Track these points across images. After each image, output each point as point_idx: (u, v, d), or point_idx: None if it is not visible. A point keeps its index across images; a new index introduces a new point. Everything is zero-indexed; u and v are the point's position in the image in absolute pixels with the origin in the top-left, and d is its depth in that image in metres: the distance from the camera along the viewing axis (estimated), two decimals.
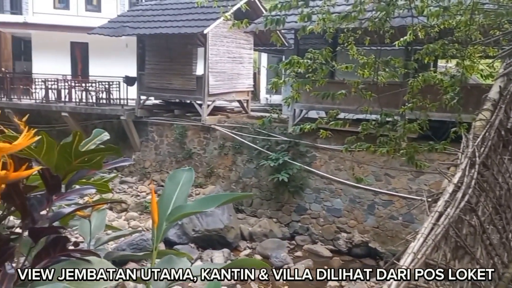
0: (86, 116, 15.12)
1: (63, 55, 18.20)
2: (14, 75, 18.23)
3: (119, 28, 13.84)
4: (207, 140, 13.42)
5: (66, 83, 15.70)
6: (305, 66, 4.86)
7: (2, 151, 0.89)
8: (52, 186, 1.16)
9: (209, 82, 12.94)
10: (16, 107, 15.08)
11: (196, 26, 12.33)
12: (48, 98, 15.21)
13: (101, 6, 19.03)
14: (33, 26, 17.14)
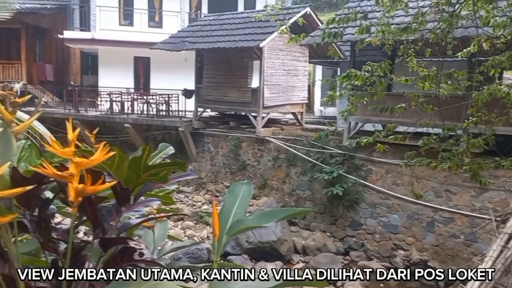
0: (146, 127, 15.77)
1: (127, 69, 19.16)
2: (81, 88, 19.43)
3: (179, 43, 14.37)
4: (261, 152, 13.53)
5: (129, 96, 16.47)
6: (363, 79, 4.80)
7: (80, 166, 0.96)
8: (122, 199, 1.24)
9: (264, 95, 13.08)
10: (83, 118, 16.04)
11: (253, 40, 12.54)
12: (112, 110, 16.02)
13: (163, 22, 19.88)
14: (100, 42, 18.21)
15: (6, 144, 1.19)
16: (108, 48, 18.51)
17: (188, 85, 15.89)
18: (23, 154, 1.47)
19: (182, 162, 1.42)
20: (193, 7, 20.60)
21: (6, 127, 1.26)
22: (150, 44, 15.57)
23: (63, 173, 0.93)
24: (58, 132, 12.53)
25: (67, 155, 0.95)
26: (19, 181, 1.10)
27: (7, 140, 1.20)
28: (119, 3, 19.65)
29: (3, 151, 1.17)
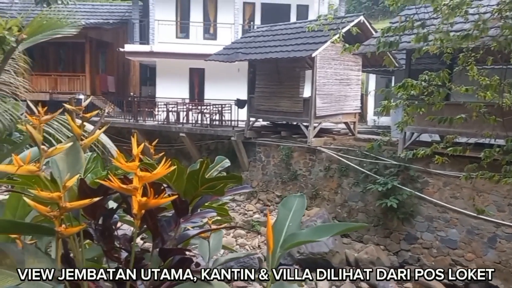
0: (200, 137, 16.16)
1: (183, 80, 19.79)
2: (140, 98, 20.28)
3: (233, 54, 14.66)
4: (312, 162, 13.43)
5: (184, 106, 16.97)
6: (420, 89, 4.66)
7: (143, 180, 1.03)
8: (181, 210, 1.30)
9: (316, 104, 13.01)
10: (141, 127, 16.73)
11: (305, 50, 12.55)
12: (169, 120, 16.58)
13: (217, 34, 20.37)
14: (158, 54, 18.96)
15: (75, 157, 1.29)
16: (165, 60, 19.23)
17: (241, 95, 16.15)
18: (90, 166, 1.58)
19: (239, 176, 1.46)
20: (246, 18, 20.95)
21: (75, 141, 1.36)
22: (205, 56, 16.00)
23: (127, 187, 1.00)
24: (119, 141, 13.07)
25: (132, 169, 1.02)
26: (86, 192, 1.19)
27: (76, 153, 1.30)
28: (176, 16, 20.39)
29: (72, 163, 1.27)
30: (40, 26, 5.11)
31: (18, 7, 20.09)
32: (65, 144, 1.25)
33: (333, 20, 8.02)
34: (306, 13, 20.63)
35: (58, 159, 1.26)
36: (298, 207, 1.74)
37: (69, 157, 1.30)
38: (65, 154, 1.31)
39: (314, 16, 19.52)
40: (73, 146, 1.33)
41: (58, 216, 0.99)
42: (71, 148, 1.32)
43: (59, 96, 19.01)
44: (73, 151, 1.32)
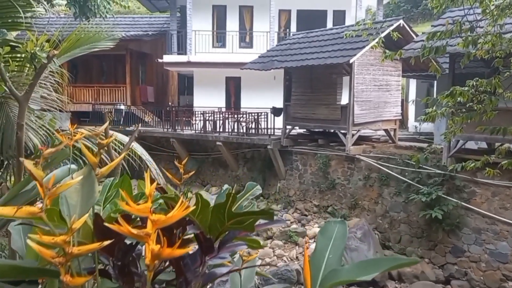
0: (237, 145, 16.14)
1: (219, 89, 19.91)
2: (178, 108, 20.56)
3: (268, 62, 14.57)
4: (351, 171, 13.08)
5: (221, 115, 17.03)
6: (469, 97, 4.36)
7: (157, 224, 0.91)
8: (206, 248, 1.17)
9: (354, 112, 12.68)
10: (179, 137, 16.92)
11: (342, 56, 12.28)
12: (206, 128, 16.67)
13: (253, 42, 20.38)
14: (195, 64, 19.18)
15: (89, 189, 1.19)
16: (202, 70, 19.42)
17: (277, 103, 16.02)
18: (110, 194, 1.49)
19: (270, 212, 1.32)
20: (282, 26, 20.86)
21: (90, 171, 1.27)
22: (241, 64, 16.00)
23: (138, 232, 0.88)
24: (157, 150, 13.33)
25: (143, 212, 0.91)
26: (102, 229, 1.09)
27: (90, 184, 1.20)
28: (212, 26, 20.59)
29: (86, 196, 1.18)
30: (77, 40, 5.19)
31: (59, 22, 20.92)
32: (77, 177, 1.16)
33: (372, 25, 7.75)
34: (343, 18, 20.31)
35: (69, 192, 1.16)
36: (338, 235, 1.57)
37: (84, 188, 1.21)
38: (80, 185, 1.21)
39: (351, 21, 19.19)
40: (87, 176, 1.23)
41: (63, 263, 0.89)
42: (85, 179, 1.22)
43: (101, 107, 19.57)
44: (87, 182, 1.22)
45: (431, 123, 15.25)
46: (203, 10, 20.18)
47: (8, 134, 3.46)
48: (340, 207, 13.19)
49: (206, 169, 17.36)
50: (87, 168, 1.28)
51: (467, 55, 4.65)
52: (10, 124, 3.48)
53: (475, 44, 4.46)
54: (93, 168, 1.26)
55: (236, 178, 16.58)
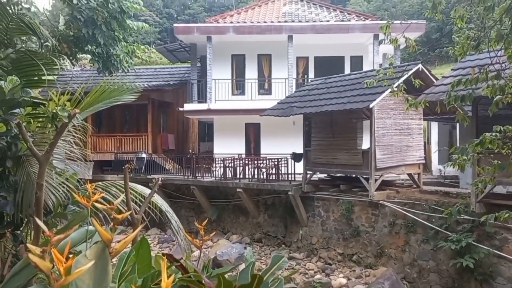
0: (257, 192, 16.00)
1: (239, 135, 20.06)
2: (198, 155, 20.72)
3: (287, 108, 14.67)
4: (375, 217, 12.72)
5: (241, 161, 17.04)
6: (499, 144, 4.21)
7: None
8: None
9: (376, 156, 12.50)
10: (199, 184, 16.92)
11: (362, 101, 12.27)
12: (226, 175, 16.65)
13: (272, 89, 20.70)
14: (215, 112, 19.49)
15: (102, 271, 1.13)
16: (222, 117, 19.70)
17: (297, 148, 15.97)
18: (125, 270, 1.41)
19: None
20: (300, 72, 21.19)
21: (104, 249, 1.21)
22: (260, 111, 16.16)
23: None
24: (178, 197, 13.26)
25: None
26: None
27: (103, 265, 1.14)
28: (232, 74, 21.08)
29: (99, 279, 1.11)
30: (100, 95, 5.32)
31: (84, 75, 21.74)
32: (88, 262, 1.10)
33: (393, 74, 7.77)
34: (361, 64, 20.53)
35: (81, 275, 1.10)
36: None
37: (97, 269, 1.14)
38: (93, 265, 1.15)
39: (368, 67, 19.38)
40: (101, 255, 1.17)
41: None
42: (100, 258, 1.16)
43: (123, 156, 19.87)
44: (101, 262, 1.16)
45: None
46: (223, 59, 20.75)
47: (28, 192, 3.48)
48: (366, 255, 12.73)
49: (226, 217, 17.18)
50: (100, 246, 1.22)
51: (495, 103, 4.54)
52: (30, 182, 3.51)
53: (502, 91, 4.36)
54: (107, 246, 1.21)
55: (257, 225, 16.32)
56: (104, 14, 11.12)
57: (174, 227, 5.77)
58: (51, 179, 3.64)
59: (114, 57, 12.48)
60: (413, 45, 6.60)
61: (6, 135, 3.61)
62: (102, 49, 11.87)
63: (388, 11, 43.04)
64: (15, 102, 3.66)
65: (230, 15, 22.23)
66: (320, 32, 19.39)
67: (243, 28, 19.70)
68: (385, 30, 6.40)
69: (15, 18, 4.90)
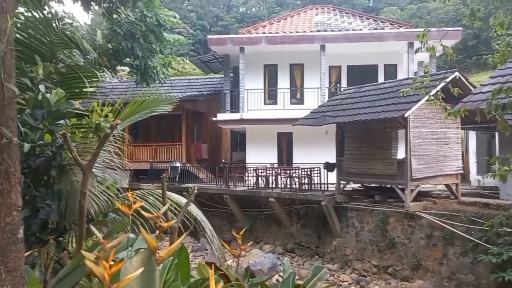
0: (290, 201, 15.95)
1: (271, 144, 20.10)
2: (231, 164, 20.88)
3: (320, 118, 14.61)
4: (411, 229, 12.42)
5: (273, 171, 17.05)
6: None
7: None
8: None
9: (412, 166, 12.23)
10: (232, 193, 17.02)
11: (396, 110, 12.07)
12: (258, 184, 16.69)
13: (304, 99, 20.68)
14: (247, 121, 19.64)
15: (149, 276, 1.17)
16: (254, 126, 19.82)
17: (330, 158, 15.84)
18: (169, 277, 1.45)
19: None
20: (332, 81, 21.09)
21: (150, 257, 1.25)
22: (292, 120, 16.17)
23: None
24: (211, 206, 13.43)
25: None
26: None
27: (151, 271, 1.18)
28: (264, 84, 21.21)
29: (146, 286, 1.15)
30: (139, 105, 5.49)
31: (121, 86, 22.42)
32: (134, 269, 1.15)
33: (430, 83, 7.64)
34: (395, 72, 20.23)
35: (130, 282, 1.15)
36: None
37: (144, 275, 1.19)
38: (141, 273, 1.20)
39: (403, 75, 19.07)
40: (148, 263, 1.22)
41: None
42: (146, 266, 1.21)
43: (158, 165, 20.28)
44: (148, 270, 1.20)
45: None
46: (255, 69, 20.93)
47: (71, 200, 3.62)
48: (402, 268, 12.43)
49: (259, 226, 17.19)
50: (146, 254, 1.27)
51: None
52: (74, 190, 3.65)
53: None
54: (153, 253, 1.26)
55: (289, 235, 16.23)
56: (142, 28, 11.48)
57: (208, 236, 5.83)
58: (93, 187, 3.78)
59: (151, 68, 12.85)
60: (451, 53, 6.48)
61: (51, 145, 3.78)
62: (140, 61, 12.24)
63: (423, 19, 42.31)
64: (60, 113, 3.83)
65: (263, 26, 22.44)
66: (353, 40, 19.27)
67: (275, 38, 19.83)
68: (421, 38, 6.32)
69: (59, 33, 5.14)
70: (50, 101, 3.80)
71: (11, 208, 2.37)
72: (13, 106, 2.44)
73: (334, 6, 27.11)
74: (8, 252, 2.36)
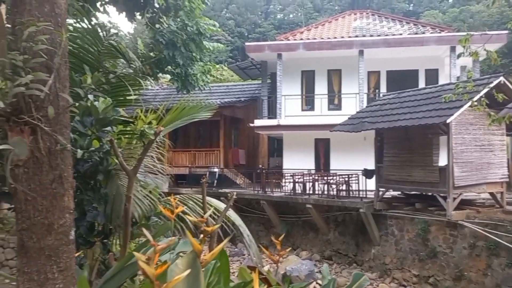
0: (327, 208, 15.82)
1: (308, 150, 20.04)
2: (268, 170, 20.96)
3: (358, 124, 14.45)
4: (454, 238, 12.03)
5: (310, 177, 16.98)
6: None
7: None
8: None
9: (454, 174, 11.88)
10: (269, 199, 17.08)
11: (438, 116, 11.77)
12: (295, 190, 16.67)
13: (342, 105, 20.50)
14: (285, 127, 19.68)
15: (195, 278, 1.24)
16: (291, 132, 19.84)
17: (368, 164, 15.62)
18: (212, 279, 1.52)
19: None
20: (371, 87, 20.80)
21: (195, 259, 1.32)
22: (330, 126, 16.07)
23: None
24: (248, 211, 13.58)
25: None
26: None
27: (196, 274, 1.25)
28: (301, 90, 21.20)
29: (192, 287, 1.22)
30: (180, 112, 5.66)
31: (162, 93, 23.01)
32: (180, 271, 1.22)
33: (473, 88, 7.43)
34: (436, 77, 19.72)
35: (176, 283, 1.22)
36: None
37: (190, 277, 1.26)
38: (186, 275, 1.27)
39: (444, 80, 18.57)
40: (193, 265, 1.29)
41: None
42: (192, 268, 1.28)
43: (196, 170, 20.64)
44: (193, 272, 1.27)
45: None
46: (293, 75, 20.97)
47: (117, 204, 3.80)
48: (443, 278, 12.05)
49: (296, 232, 17.14)
50: (191, 256, 1.34)
51: None
52: (119, 194, 3.83)
53: None
54: (198, 256, 1.33)
55: (327, 242, 16.09)
56: (183, 37, 11.81)
57: (246, 241, 5.90)
58: (136, 191, 3.94)
59: (192, 76, 13.18)
60: (495, 58, 6.29)
61: (99, 151, 3.98)
62: (181, 69, 12.58)
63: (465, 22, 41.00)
64: (107, 120, 4.03)
65: (300, 32, 22.47)
66: (393, 45, 18.95)
67: (313, 44, 19.80)
68: (464, 43, 6.17)
69: (106, 43, 5.39)
70: (98, 109, 4.01)
71: (64, 210, 2.53)
72: (67, 114, 2.61)
73: (373, 11, 26.74)
74: (61, 252, 2.51)
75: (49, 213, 2.46)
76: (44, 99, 2.43)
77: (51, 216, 2.47)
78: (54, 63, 2.51)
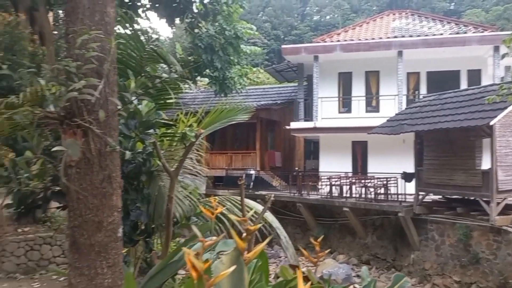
0: (365, 211, 15.60)
1: (345, 153, 19.81)
2: (304, 172, 20.89)
3: (397, 126, 14.19)
4: (498, 244, 11.59)
5: (347, 180, 16.80)
6: None
7: None
8: None
9: (498, 177, 11.46)
10: (305, 201, 17.02)
11: (481, 118, 11.40)
12: (332, 193, 16.54)
13: (380, 107, 20.14)
14: (321, 130, 19.55)
15: (239, 275, 1.29)
16: (328, 135, 19.68)
17: (407, 167, 15.29)
18: (254, 277, 1.57)
19: None
20: (410, 88, 20.33)
21: (238, 256, 1.38)
22: (368, 129, 15.85)
23: None
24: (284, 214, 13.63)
25: None
26: None
27: (240, 271, 1.31)
28: (338, 93, 20.98)
29: (236, 284, 1.28)
30: (218, 115, 5.79)
31: (200, 96, 23.40)
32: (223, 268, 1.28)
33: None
34: (479, 78, 19.03)
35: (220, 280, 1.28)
36: None
37: (234, 274, 1.32)
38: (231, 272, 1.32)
39: (488, 81, 17.90)
40: (237, 263, 1.35)
41: None
42: (235, 265, 1.33)
43: (233, 172, 20.85)
44: (237, 269, 1.33)
45: None
46: (329, 78, 20.79)
47: (159, 204, 3.94)
48: (486, 285, 11.63)
49: (332, 235, 16.98)
50: (235, 254, 1.40)
51: None
52: (161, 195, 3.97)
53: None
54: (241, 254, 1.39)
55: (364, 246, 15.86)
56: (221, 41, 12.01)
57: (284, 243, 5.95)
58: (178, 192, 4.07)
59: (229, 79, 13.38)
60: None
61: (142, 153, 4.14)
62: (219, 72, 12.80)
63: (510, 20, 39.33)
64: (150, 123, 4.19)
65: (337, 34, 22.28)
66: (433, 46, 18.46)
67: (350, 46, 19.59)
68: (508, 43, 5.99)
69: (148, 48, 5.59)
70: (141, 112, 4.17)
71: (113, 209, 2.68)
72: (116, 118, 2.76)
73: (412, 10, 26.15)
74: (109, 249, 2.66)
75: (99, 211, 2.61)
76: (95, 103, 2.58)
77: (101, 214, 2.61)
78: (104, 69, 2.66)
